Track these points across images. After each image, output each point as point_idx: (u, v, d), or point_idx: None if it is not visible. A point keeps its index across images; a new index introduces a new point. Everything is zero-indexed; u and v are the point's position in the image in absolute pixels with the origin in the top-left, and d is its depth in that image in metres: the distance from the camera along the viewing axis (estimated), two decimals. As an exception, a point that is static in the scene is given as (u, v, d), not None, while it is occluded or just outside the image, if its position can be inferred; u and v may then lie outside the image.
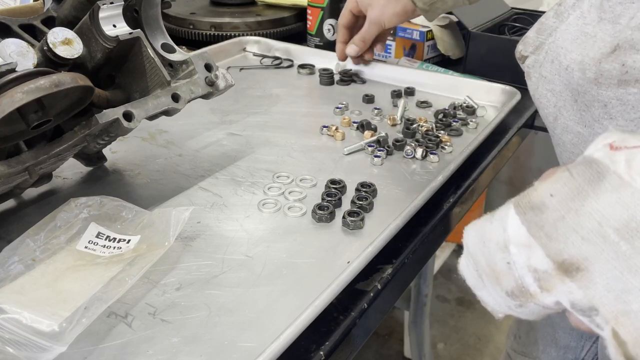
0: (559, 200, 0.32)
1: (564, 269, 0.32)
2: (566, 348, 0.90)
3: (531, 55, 0.63)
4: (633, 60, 0.50)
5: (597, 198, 0.31)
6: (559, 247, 0.32)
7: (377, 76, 1.03)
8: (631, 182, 0.30)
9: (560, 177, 0.33)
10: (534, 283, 0.33)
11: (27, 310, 0.46)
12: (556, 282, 0.32)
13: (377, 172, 0.74)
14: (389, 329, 1.85)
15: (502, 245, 0.34)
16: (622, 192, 0.30)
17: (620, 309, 0.30)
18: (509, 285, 0.34)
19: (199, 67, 0.64)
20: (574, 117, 0.58)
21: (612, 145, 0.32)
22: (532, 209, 0.33)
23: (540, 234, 0.32)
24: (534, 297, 0.34)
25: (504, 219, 0.34)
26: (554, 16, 0.60)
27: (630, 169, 0.30)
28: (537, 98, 0.63)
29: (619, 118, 0.53)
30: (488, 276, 0.36)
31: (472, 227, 0.37)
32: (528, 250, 0.33)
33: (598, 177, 0.31)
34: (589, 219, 0.31)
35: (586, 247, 0.31)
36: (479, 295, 0.37)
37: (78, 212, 0.59)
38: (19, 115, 0.51)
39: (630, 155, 0.31)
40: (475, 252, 0.36)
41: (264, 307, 0.51)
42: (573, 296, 0.32)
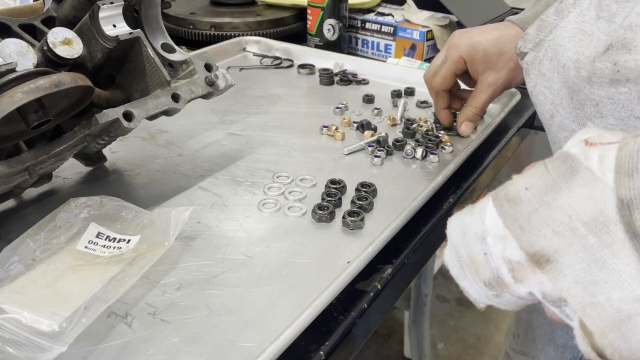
0: (533, 194, 0.33)
1: (535, 261, 0.32)
2: (564, 347, 0.90)
3: (530, 52, 0.63)
4: (625, 60, 0.50)
5: (569, 192, 0.32)
6: (531, 239, 0.32)
7: (377, 76, 1.03)
8: (602, 177, 0.31)
9: (536, 170, 0.34)
10: (508, 274, 0.34)
11: (27, 310, 0.46)
12: (528, 273, 0.33)
13: (377, 172, 0.74)
14: (389, 329, 1.85)
15: (481, 237, 0.35)
16: (592, 187, 0.31)
17: (587, 300, 0.31)
18: (486, 276, 0.35)
19: (199, 67, 0.64)
20: (570, 115, 0.58)
21: (587, 141, 0.33)
22: (509, 201, 0.34)
23: (515, 226, 0.33)
24: (509, 287, 0.34)
25: (483, 210, 0.35)
26: (555, 13, 0.60)
27: (602, 164, 0.31)
28: (535, 95, 0.63)
29: (610, 117, 0.53)
30: (468, 267, 0.36)
31: (454, 218, 0.38)
32: (503, 241, 0.34)
33: (571, 172, 0.32)
34: (560, 213, 0.32)
35: (556, 239, 0.32)
36: (461, 285, 0.38)
37: (78, 212, 0.59)
38: (19, 115, 0.51)
39: (603, 151, 0.32)
40: (457, 243, 0.37)
41: (263, 307, 0.51)
42: (543, 287, 0.33)
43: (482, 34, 0.76)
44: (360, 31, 1.21)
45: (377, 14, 1.21)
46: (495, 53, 0.74)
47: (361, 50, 1.22)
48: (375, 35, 1.19)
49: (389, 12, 1.20)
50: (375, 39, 1.19)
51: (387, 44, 1.17)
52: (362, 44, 1.22)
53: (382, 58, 1.18)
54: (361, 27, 1.20)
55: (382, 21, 1.17)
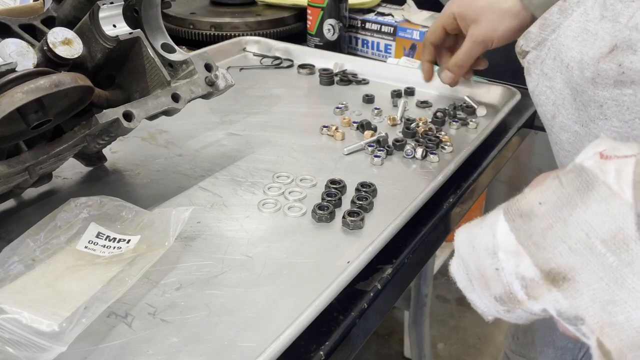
0: (548, 209, 0.32)
1: (551, 278, 0.32)
2: (563, 349, 0.90)
3: (532, 51, 0.63)
4: (630, 61, 0.50)
5: (585, 208, 0.31)
6: (547, 257, 0.32)
7: (377, 76, 1.03)
8: (620, 193, 0.30)
9: (550, 185, 0.33)
10: (521, 290, 0.33)
11: (27, 310, 0.46)
12: (543, 290, 0.32)
13: (377, 172, 0.74)
14: (389, 329, 1.85)
15: (491, 252, 0.34)
16: (610, 204, 0.30)
17: (606, 320, 0.30)
18: (497, 291, 0.34)
19: (199, 67, 0.64)
20: (572, 116, 0.58)
21: (603, 154, 0.32)
22: (521, 216, 0.33)
23: (529, 242, 0.32)
24: (522, 303, 0.34)
25: (494, 225, 0.34)
26: (558, 12, 0.60)
27: (619, 179, 0.30)
28: (537, 95, 0.63)
29: (614, 119, 0.53)
30: (477, 280, 0.36)
31: (462, 230, 0.37)
32: (516, 257, 0.33)
33: (587, 187, 0.31)
34: (577, 230, 0.31)
35: (573, 257, 0.31)
36: (469, 297, 0.37)
37: (78, 212, 0.59)
38: (19, 115, 0.51)
39: (620, 165, 0.31)
40: (465, 256, 0.36)
41: (264, 307, 0.51)
42: (559, 305, 0.32)
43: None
44: (360, 31, 1.21)
45: (377, 14, 1.21)
46: (481, 6, 0.76)
47: (361, 50, 1.22)
48: (375, 35, 1.19)
49: (389, 12, 1.20)
50: (375, 39, 1.19)
51: (387, 44, 1.17)
52: (362, 44, 1.22)
53: (382, 58, 1.18)
54: (361, 27, 1.20)
55: (382, 21, 1.17)
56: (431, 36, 0.84)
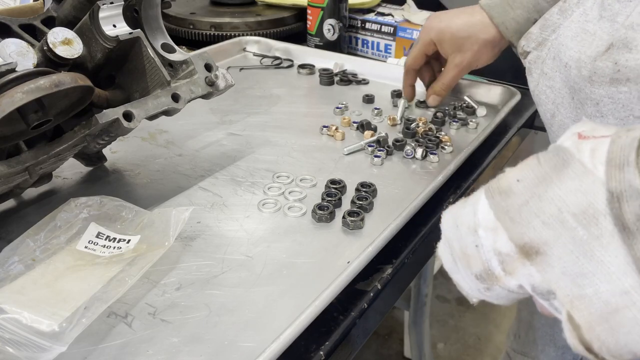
0: (525, 186, 0.33)
1: (525, 252, 0.32)
2: (565, 348, 0.90)
3: (533, 51, 0.63)
4: (625, 59, 0.50)
5: (560, 184, 0.31)
6: (521, 231, 0.32)
7: (377, 76, 1.03)
8: (593, 170, 0.31)
9: (528, 163, 0.34)
10: (498, 266, 0.34)
11: (27, 310, 0.46)
12: (518, 265, 0.33)
13: (377, 172, 0.74)
14: (389, 329, 1.85)
15: (472, 229, 0.35)
16: (583, 180, 0.31)
17: (576, 292, 0.31)
18: (477, 268, 0.35)
19: (199, 67, 0.64)
20: (571, 115, 0.58)
21: (581, 135, 0.33)
22: (500, 193, 0.34)
23: (505, 217, 0.33)
24: (499, 280, 0.34)
25: (476, 203, 0.35)
26: (558, 12, 0.60)
27: (593, 157, 0.31)
28: (537, 94, 0.63)
29: (610, 116, 0.53)
30: (460, 259, 0.36)
31: (448, 211, 0.38)
32: (494, 233, 0.34)
33: (563, 165, 0.32)
34: (550, 205, 0.31)
35: (546, 231, 0.31)
36: (454, 279, 0.38)
37: (78, 212, 0.59)
38: (19, 115, 0.51)
39: (595, 144, 0.31)
40: (450, 236, 0.37)
41: (264, 307, 0.51)
42: (533, 279, 0.32)
43: (451, 18, 0.82)
44: (360, 31, 1.21)
45: (377, 14, 1.21)
46: (462, 37, 0.80)
47: (361, 50, 1.22)
48: (375, 35, 1.19)
49: (389, 12, 1.20)
50: (375, 39, 1.19)
51: (387, 44, 1.17)
52: (362, 44, 1.22)
53: (382, 58, 1.18)
54: (361, 27, 1.20)
55: (382, 21, 1.17)
56: (413, 63, 0.88)
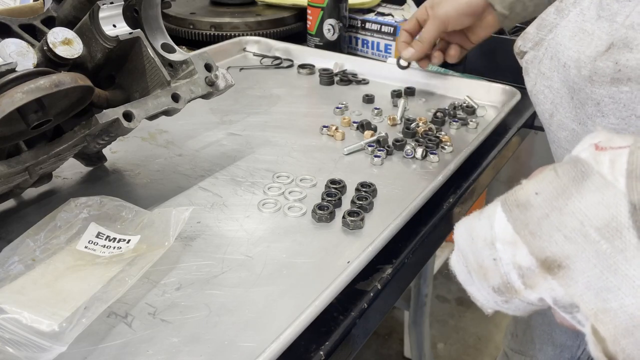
0: (544, 199, 0.33)
1: (547, 267, 0.32)
2: (562, 347, 0.90)
3: (530, 51, 0.63)
4: (626, 59, 0.50)
5: (580, 197, 0.31)
6: (542, 245, 0.32)
7: (377, 76, 1.03)
8: (614, 182, 0.30)
9: (546, 175, 0.33)
10: (518, 280, 0.34)
11: (27, 310, 0.46)
12: (539, 279, 0.33)
13: (377, 172, 0.74)
14: (389, 329, 1.85)
15: (489, 242, 0.35)
16: (604, 193, 0.31)
17: (600, 306, 0.31)
18: (495, 281, 0.35)
19: (199, 67, 0.64)
20: (570, 114, 0.58)
21: (598, 146, 0.32)
22: (518, 206, 0.33)
23: (525, 231, 0.33)
24: (519, 293, 0.34)
25: (492, 216, 0.35)
26: (555, 12, 0.60)
27: (613, 169, 0.31)
28: (535, 94, 0.63)
29: (611, 116, 0.53)
30: (476, 272, 0.36)
31: (462, 223, 0.38)
32: (513, 247, 0.33)
33: (582, 177, 0.32)
34: (572, 218, 0.31)
35: (568, 245, 0.31)
36: (469, 290, 0.38)
37: (78, 212, 0.59)
38: (19, 115, 0.51)
39: (614, 155, 0.31)
40: (464, 249, 0.37)
41: (264, 307, 0.51)
42: (555, 293, 0.32)
43: None
44: (360, 31, 1.21)
45: (377, 14, 1.21)
46: None
47: (361, 50, 1.22)
48: (375, 35, 1.19)
49: (389, 12, 1.20)
50: (375, 39, 1.19)
51: (387, 44, 1.17)
52: (362, 44, 1.22)
53: (382, 58, 1.18)
54: (361, 27, 1.20)
55: (382, 21, 1.17)
56: (406, 25, 0.94)
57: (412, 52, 0.92)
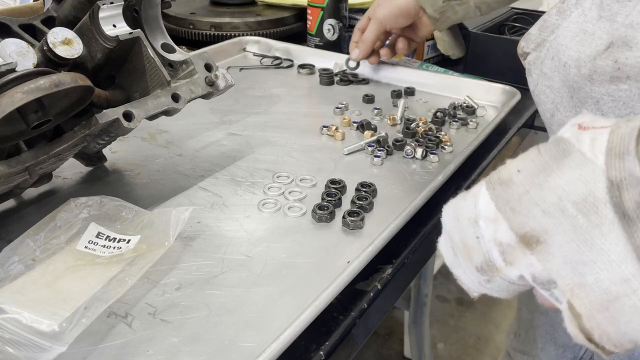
0: (525, 176, 0.33)
1: (526, 242, 0.32)
2: (565, 347, 0.90)
3: (533, 52, 0.63)
4: (625, 57, 0.51)
5: (560, 174, 0.32)
6: (522, 220, 0.32)
7: (377, 76, 1.03)
8: (593, 159, 0.31)
9: (529, 154, 0.34)
10: (499, 257, 0.34)
11: (27, 310, 0.46)
12: (518, 254, 0.33)
13: (377, 172, 0.74)
14: (389, 329, 1.85)
15: (473, 220, 0.35)
16: (583, 169, 0.31)
17: (576, 281, 0.31)
18: (478, 260, 0.35)
19: (199, 67, 0.64)
20: (570, 114, 0.58)
21: (581, 125, 0.33)
22: (501, 184, 0.34)
23: (506, 208, 0.33)
24: (500, 270, 0.34)
25: (477, 195, 0.35)
26: (557, 13, 0.60)
27: (593, 147, 0.31)
28: (537, 94, 0.64)
29: (610, 114, 0.53)
30: (461, 252, 0.36)
31: (449, 204, 0.38)
32: (495, 224, 0.34)
33: (563, 154, 0.32)
34: (551, 194, 0.32)
35: (546, 220, 0.31)
36: (455, 273, 0.38)
37: (78, 212, 0.59)
38: (19, 115, 0.51)
39: (595, 134, 0.32)
40: (450, 229, 0.37)
41: (264, 307, 0.51)
42: (534, 269, 0.33)
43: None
44: (360, 31, 1.21)
45: (377, 14, 1.21)
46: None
47: (361, 50, 1.22)
48: (375, 35, 1.19)
49: (389, 12, 1.20)
50: (375, 39, 1.19)
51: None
52: (362, 44, 1.21)
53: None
54: (361, 27, 1.20)
55: (382, 21, 1.17)
56: (359, 24, 1.00)
57: (357, 53, 1.00)
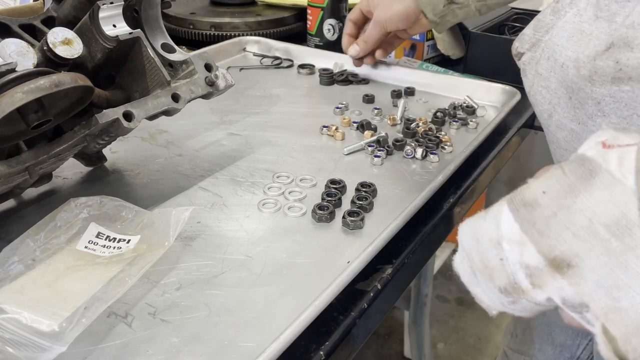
0: (551, 197, 0.32)
1: (555, 265, 0.32)
2: (562, 346, 0.90)
3: (527, 52, 0.63)
4: (627, 58, 0.50)
5: (588, 195, 0.31)
6: (550, 244, 0.32)
7: (377, 76, 1.03)
8: (623, 180, 0.30)
9: (553, 174, 0.33)
10: (525, 279, 0.33)
11: (27, 310, 0.46)
12: (547, 278, 0.32)
13: (377, 172, 0.74)
14: (389, 329, 1.85)
15: (495, 242, 0.34)
16: (613, 190, 0.30)
17: (611, 305, 0.30)
18: (501, 282, 0.35)
19: (199, 67, 0.64)
20: (568, 115, 0.58)
21: (605, 144, 0.32)
22: (525, 205, 0.33)
23: (533, 230, 0.32)
24: (526, 293, 0.34)
25: (498, 215, 0.34)
26: (551, 13, 0.60)
27: (622, 167, 0.31)
28: (533, 95, 0.63)
29: (612, 115, 0.53)
30: (481, 273, 0.36)
31: (466, 224, 0.37)
32: (520, 246, 0.33)
33: (590, 175, 0.31)
34: (580, 216, 0.31)
35: (577, 243, 0.31)
36: (473, 292, 0.37)
37: (78, 212, 0.59)
38: (19, 115, 0.51)
39: (622, 153, 0.31)
40: (469, 249, 0.37)
41: (264, 307, 0.51)
42: (564, 292, 0.32)
43: None
44: (360, 31, 1.21)
45: (377, 14, 1.21)
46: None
47: (361, 50, 1.22)
48: (375, 35, 1.19)
49: (389, 12, 1.20)
50: (375, 39, 1.19)
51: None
52: (362, 44, 1.21)
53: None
54: (361, 27, 1.20)
55: (382, 21, 1.17)
56: (351, 15, 1.00)
57: (357, 50, 0.99)
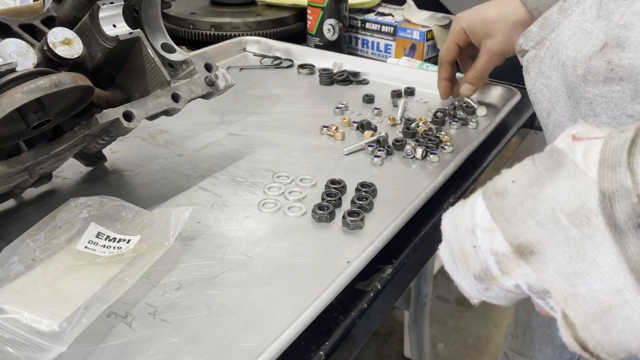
0: (520, 187, 0.33)
1: (520, 252, 0.33)
2: (562, 347, 0.90)
3: (531, 50, 0.63)
4: (619, 58, 0.51)
5: (553, 185, 0.32)
6: (516, 231, 0.33)
7: (377, 76, 1.03)
8: (586, 170, 0.31)
9: (524, 164, 0.34)
10: (495, 266, 0.34)
11: (27, 310, 0.46)
12: (513, 265, 0.33)
13: (377, 172, 0.74)
14: (389, 329, 1.85)
15: (470, 230, 0.36)
16: (576, 180, 0.31)
17: (570, 291, 0.31)
18: (475, 269, 0.36)
19: (199, 67, 0.64)
20: (566, 113, 0.58)
21: (575, 136, 0.33)
22: (496, 194, 0.34)
23: (501, 218, 0.34)
24: (496, 280, 0.35)
25: (474, 204, 0.36)
26: (558, 12, 0.60)
27: (586, 158, 0.31)
28: (534, 93, 0.63)
29: (603, 115, 0.53)
30: (460, 260, 0.37)
31: (448, 213, 0.39)
32: (491, 234, 0.34)
33: (557, 165, 0.32)
34: (544, 205, 0.32)
35: (540, 231, 0.32)
36: (456, 280, 0.39)
37: (78, 212, 0.59)
38: (19, 115, 0.51)
39: (588, 145, 0.32)
40: (449, 238, 0.38)
41: (263, 307, 0.51)
42: (528, 279, 0.33)
43: (480, 6, 0.80)
44: (360, 31, 1.21)
45: (377, 14, 1.21)
46: (492, 20, 0.78)
47: (361, 50, 1.22)
48: (375, 35, 1.19)
49: (389, 12, 1.20)
50: (375, 39, 1.19)
51: (387, 44, 1.17)
52: (362, 44, 1.22)
53: (382, 58, 1.18)
54: (361, 27, 1.20)
55: (382, 21, 1.17)
56: (446, 55, 0.85)
57: (472, 89, 0.87)
